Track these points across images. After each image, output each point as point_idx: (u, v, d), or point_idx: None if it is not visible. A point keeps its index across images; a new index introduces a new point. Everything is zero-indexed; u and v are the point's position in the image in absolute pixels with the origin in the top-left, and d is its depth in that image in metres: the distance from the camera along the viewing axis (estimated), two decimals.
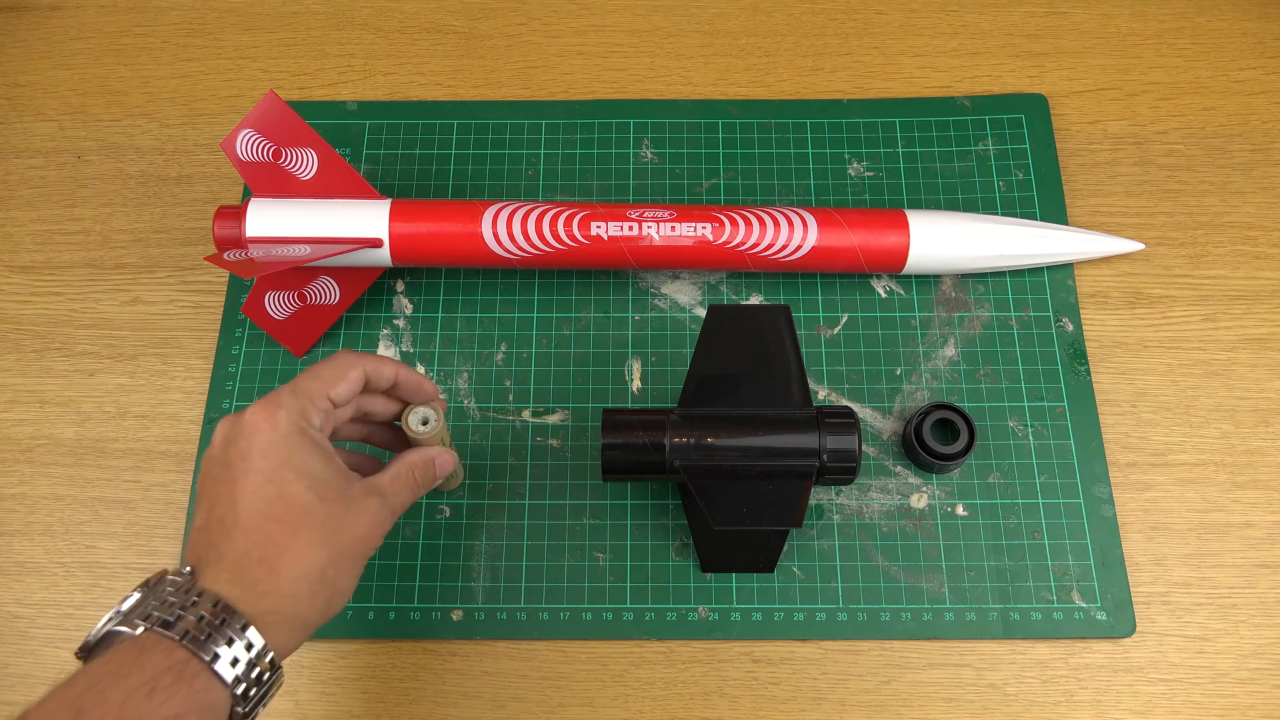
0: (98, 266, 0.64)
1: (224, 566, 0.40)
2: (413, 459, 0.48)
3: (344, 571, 0.43)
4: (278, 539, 0.41)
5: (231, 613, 0.39)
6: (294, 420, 0.44)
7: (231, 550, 0.41)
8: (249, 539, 0.41)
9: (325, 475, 0.44)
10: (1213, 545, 0.56)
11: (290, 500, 0.42)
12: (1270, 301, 0.62)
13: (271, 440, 0.43)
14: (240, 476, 0.42)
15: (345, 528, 0.43)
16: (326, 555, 0.42)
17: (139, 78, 0.69)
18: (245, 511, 0.42)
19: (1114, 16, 0.70)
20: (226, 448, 0.43)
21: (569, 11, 0.71)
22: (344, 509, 0.43)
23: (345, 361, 0.47)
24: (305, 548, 0.42)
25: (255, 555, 0.41)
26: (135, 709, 0.35)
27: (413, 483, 0.48)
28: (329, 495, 0.43)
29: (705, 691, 0.54)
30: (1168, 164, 0.65)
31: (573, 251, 0.58)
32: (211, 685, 0.38)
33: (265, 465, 0.42)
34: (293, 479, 0.42)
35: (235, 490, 0.42)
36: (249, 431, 0.43)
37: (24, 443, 0.59)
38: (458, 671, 0.54)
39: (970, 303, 0.61)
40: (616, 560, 0.56)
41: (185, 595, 0.39)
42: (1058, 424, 0.58)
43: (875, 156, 0.65)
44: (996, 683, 0.54)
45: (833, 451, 0.50)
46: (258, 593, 0.40)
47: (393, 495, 0.46)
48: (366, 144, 0.66)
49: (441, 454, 0.50)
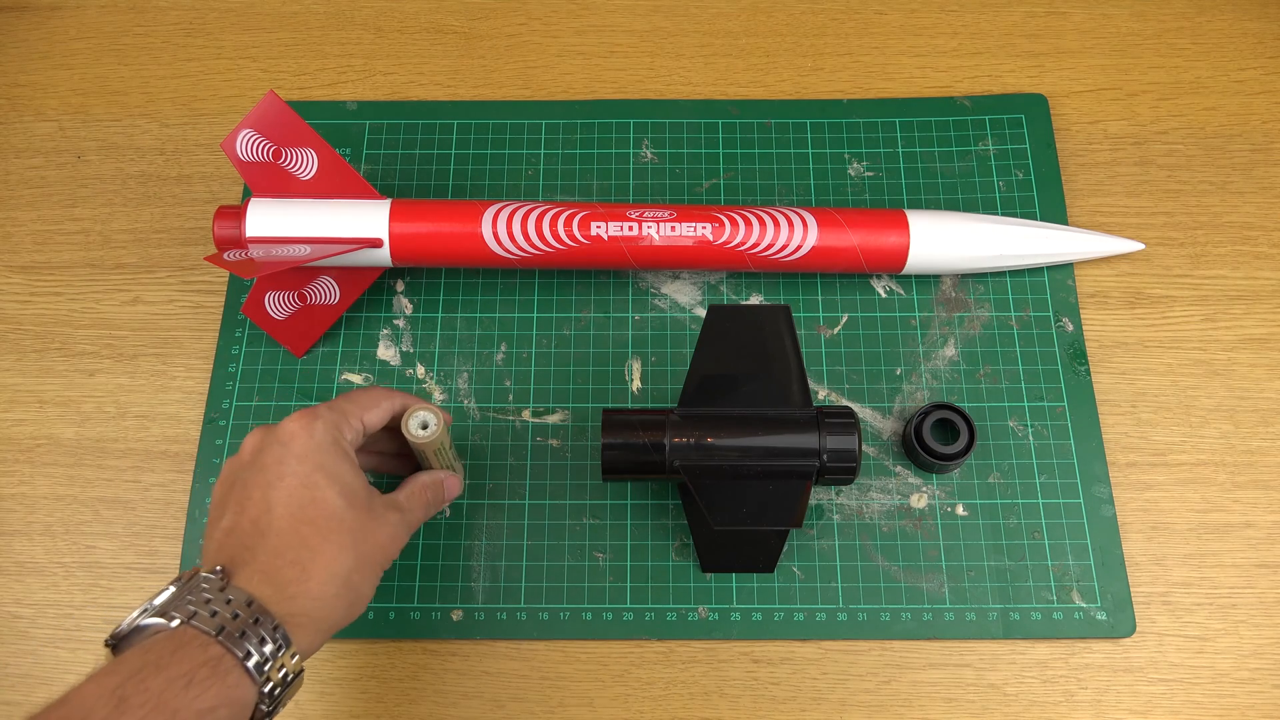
0: (98, 266, 0.64)
1: (257, 567, 0.42)
2: (424, 480, 0.51)
3: (366, 577, 0.45)
4: (310, 542, 0.43)
5: (264, 613, 0.40)
6: (329, 431, 0.46)
7: (265, 551, 0.42)
8: (282, 540, 0.43)
9: (354, 484, 0.46)
10: (1213, 545, 0.56)
11: (323, 505, 0.44)
12: (1270, 301, 0.62)
13: (308, 447, 0.45)
14: (276, 480, 0.44)
15: (370, 536, 0.45)
16: (353, 560, 0.44)
17: (139, 78, 0.69)
18: (280, 514, 0.43)
19: (1114, 16, 0.70)
20: (259, 453, 0.45)
21: (569, 11, 0.71)
22: (369, 518, 0.46)
23: (380, 393, 0.50)
24: (335, 552, 0.43)
25: (289, 557, 0.42)
26: (173, 699, 0.37)
27: (425, 500, 0.51)
28: (357, 504, 0.45)
29: (705, 691, 0.54)
30: (1168, 164, 0.65)
31: (573, 251, 0.58)
32: (243, 682, 0.39)
33: (301, 470, 0.44)
34: (326, 485, 0.44)
35: (270, 493, 0.44)
36: (286, 438, 0.45)
37: (24, 443, 0.59)
38: (458, 671, 0.54)
39: (970, 303, 0.61)
40: (616, 560, 0.56)
41: (220, 593, 0.40)
42: (1058, 424, 0.58)
43: (875, 156, 0.65)
44: (996, 683, 0.54)
45: (833, 451, 0.50)
46: (288, 594, 0.42)
47: (409, 511, 0.49)
48: (366, 144, 0.66)
49: (449, 477, 0.53)
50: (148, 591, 0.56)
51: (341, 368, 0.61)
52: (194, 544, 0.56)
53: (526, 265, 0.59)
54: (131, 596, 0.56)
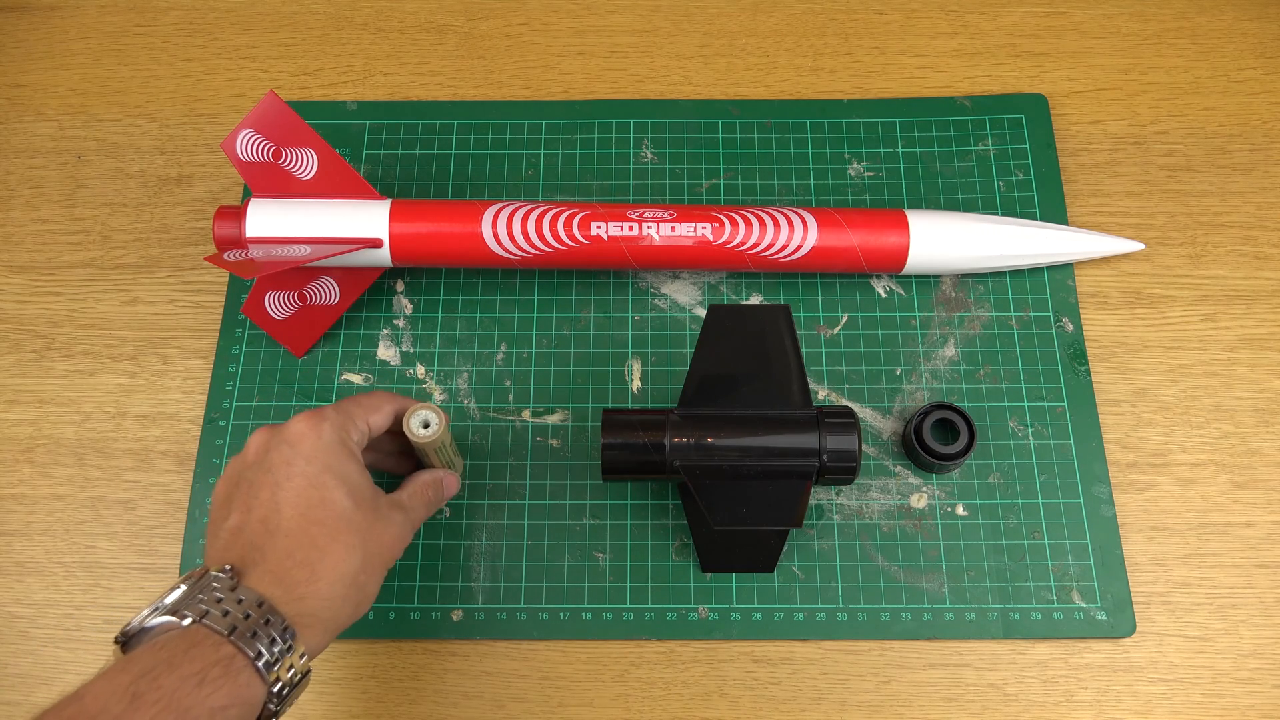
0: (98, 266, 0.64)
1: (267, 567, 0.42)
2: (425, 479, 0.52)
3: (373, 577, 0.45)
4: (318, 542, 0.43)
5: (275, 613, 0.40)
6: (336, 432, 0.46)
7: (274, 551, 0.42)
8: (291, 541, 0.43)
9: (361, 485, 0.46)
10: (1213, 545, 0.56)
11: (331, 505, 0.44)
12: (1270, 301, 0.62)
13: (316, 448, 0.45)
14: (285, 480, 0.44)
15: (376, 535, 0.46)
16: (360, 561, 0.44)
17: (139, 78, 0.69)
18: (289, 514, 0.43)
19: (1114, 16, 0.70)
20: (266, 453, 0.45)
21: (569, 11, 0.71)
22: (375, 518, 0.46)
23: (383, 396, 0.50)
24: (343, 552, 0.44)
25: (298, 558, 0.42)
26: (186, 697, 0.37)
27: (427, 499, 0.51)
28: (364, 504, 0.45)
29: (705, 691, 0.54)
30: (1168, 164, 0.65)
31: (573, 251, 0.58)
32: (253, 682, 0.39)
33: (309, 470, 0.44)
34: (334, 484, 0.45)
35: (278, 493, 0.44)
36: (294, 439, 0.45)
37: (24, 443, 0.60)
38: (458, 671, 0.54)
39: (970, 303, 0.61)
40: (616, 560, 0.56)
41: (231, 593, 0.41)
42: (1058, 424, 0.58)
43: (875, 156, 0.65)
44: (996, 683, 0.54)
45: (833, 451, 0.50)
46: (297, 595, 0.42)
47: (412, 510, 0.50)
48: (366, 144, 0.66)
49: (448, 475, 0.54)
50: (148, 591, 0.56)
51: (341, 368, 0.61)
52: (194, 544, 0.56)
53: (526, 265, 0.59)
54: (132, 596, 0.56)
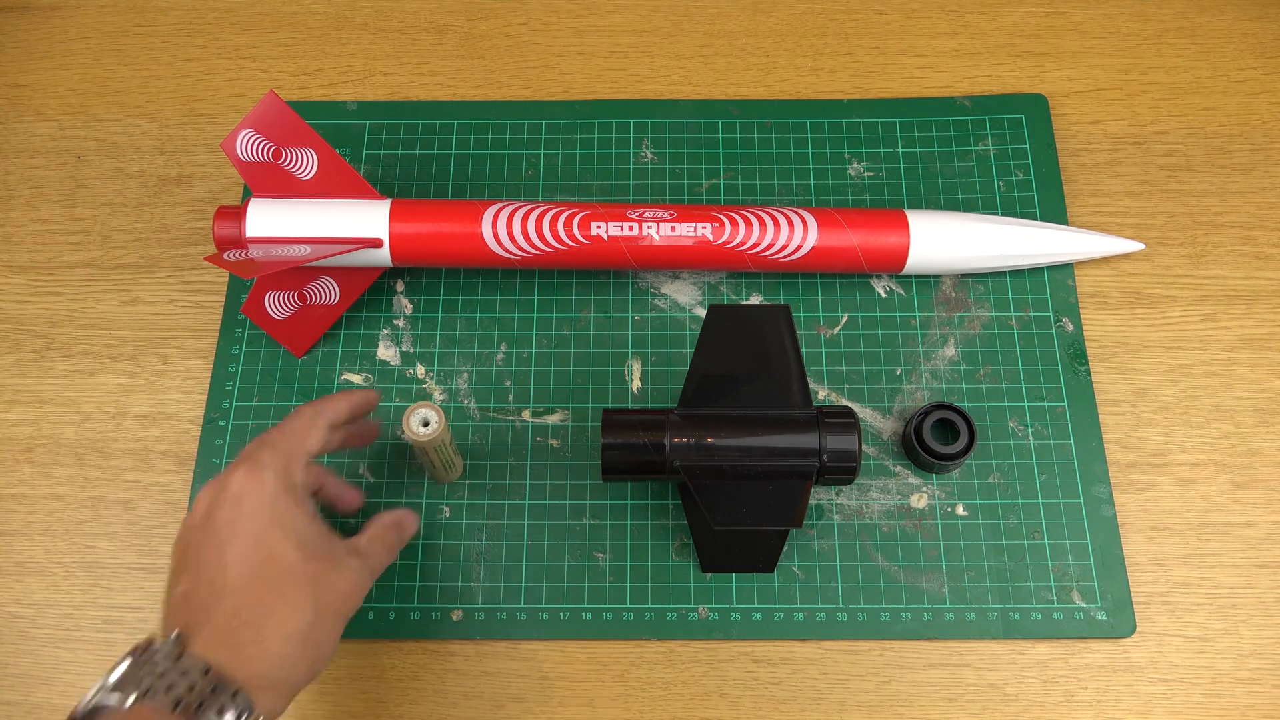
0: (98, 266, 0.64)
1: (212, 630, 0.41)
2: (385, 520, 0.50)
3: (328, 632, 0.44)
4: (265, 600, 0.42)
5: (222, 679, 0.39)
6: (279, 480, 0.45)
7: (220, 613, 0.41)
8: (236, 600, 0.42)
9: (310, 534, 0.45)
10: (1213, 545, 0.56)
11: (279, 561, 0.43)
12: (1270, 301, 0.62)
13: (258, 503, 0.44)
14: (229, 540, 0.43)
15: (330, 586, 0.44)
16: (311, 615, 0.43)
17: (139, 78, 0.69)
18: (234, 574, 0.42)
19: (1114, 16, 0.70)
20: (210, 515, 0.44)
21: (569, 11, 0.71)
22: (329, 567, 0.45)
23: (308, 415, 0.48)
24: (290, 610, 0.42)
25: (244, 618, 0.41)
26: None
27: (388, 543, 0.50)
28: (315, 554, 0.44)
29: (705, 691, 0.54)
30: (1168, 164, 0.65)
31: (573, 251, 0.58)
32: None
33: (254, 527, 0.43)
34: (281, 539, 0.43)
35: (224, 555, 0.43)
36: (236, 496, 0.44)
37: (24, 443, 0.59)
38: (458, 671, 0.54)
39: (970, 303, 0.61)
40: (616, 560, 0.56)
41: (175, 664, 0.39)
42: (1058, 424, 0.58)
43: (875, 156, 0.65)
44: (996, 683, 0.54)
45: (833, 451, 0.50)
46: (244, 657, 0.41)
47: (371, 556, 0.48)
48: (366, 144, 0.66)
49: (406, 515, 0.52)
50: (148, 591, 0.56)
51: (341, 368, 0.61)
52: None
53: (526, 265, 0.59)
54: (131, 596, 0.56)
